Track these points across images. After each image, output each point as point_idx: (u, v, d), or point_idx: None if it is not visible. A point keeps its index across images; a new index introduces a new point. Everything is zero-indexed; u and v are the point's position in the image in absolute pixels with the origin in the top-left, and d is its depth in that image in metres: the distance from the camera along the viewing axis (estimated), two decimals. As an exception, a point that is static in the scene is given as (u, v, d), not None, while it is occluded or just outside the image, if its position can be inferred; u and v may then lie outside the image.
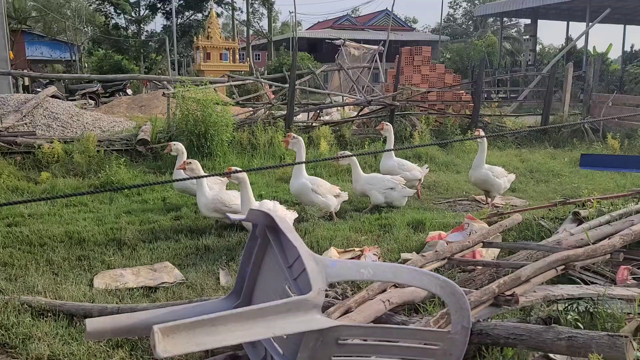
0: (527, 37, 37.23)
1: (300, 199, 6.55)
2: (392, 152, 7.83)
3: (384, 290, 3.23)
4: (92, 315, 3.51)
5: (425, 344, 1.96)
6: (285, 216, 5.09)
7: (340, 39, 23.90)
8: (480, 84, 13.55)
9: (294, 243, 2.00)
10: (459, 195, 7.97)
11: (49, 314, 3.71)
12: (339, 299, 3.38)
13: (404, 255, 4.91)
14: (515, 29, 51.07)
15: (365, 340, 1.98)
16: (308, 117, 13.89)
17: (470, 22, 65.52)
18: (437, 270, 4.00)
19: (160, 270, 4.71)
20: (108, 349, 3.26)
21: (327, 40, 38.33)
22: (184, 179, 5.59)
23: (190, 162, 5.91)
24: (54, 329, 3.49)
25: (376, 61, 21.74)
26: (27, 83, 28.00)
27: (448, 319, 2.69)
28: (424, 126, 12.24)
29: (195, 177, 5.58)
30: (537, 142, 12.84)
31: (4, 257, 4.97)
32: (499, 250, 4.86)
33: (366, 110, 13.44)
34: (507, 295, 3.08)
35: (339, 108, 15.38)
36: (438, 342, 1.95)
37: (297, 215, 5.68)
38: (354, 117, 13.45)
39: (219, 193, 5.85)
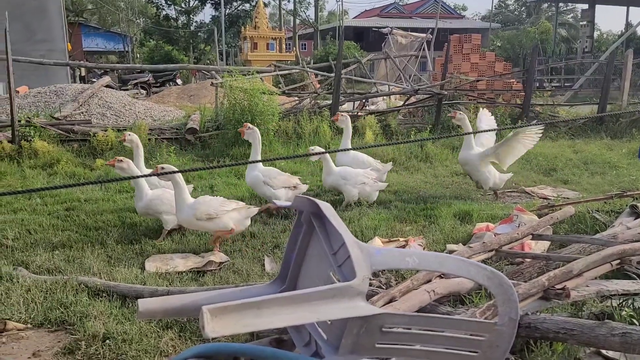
0: (584, 23, 35.63)
1: (255, 190, 6.35)
2: (349, 146, 7.34)
3: (429, 281, 3.20)
4: (144, 297, 3.64)
5: (470, 335, 1.93)
6: (225, 212, 4.90)
7: (388, 27, 23.62)
8: (533, 72, 13.09)
9: (338, 230, 2.00)
10: (507, 187, 7.77)
11: (104, 295, 3.88)
12: (383, 288, 3.37)
13: (450, 247, 4.85)
14: (572, 14, 49.03)
15: (409, 329, 1.97)
16: (354, 106, 13.83)
17: (523, 8, 63.28)
18: (484, 262, 3.92)
19: (207, 256, 4.83)
20: (158, 330, 3.38)
21: (373, 29, 37.91)
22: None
23: (121, 160, 5.33)
24: (109, 308, 3.65)
25: (424, 49, 21.36)
26: (83, 73, 29.16)
27: (494, 310, 2.65)
28: (473, 116, 11.96)
29: (130, 178, 4.99)
30: (593, 132, 12.32)
31: (62, 239, 5.22)
32: (549, 243, 4.72)
33: (413, 99, 13.26)
34: (558, 289, 3.00)
35: (385, 97, 15.25)
36: (484, 334, 1.91)
37: (252, 212, 5.22)
38: (400, 106, 13.30)
39: (159, 194, 5.34)
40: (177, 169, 4.81)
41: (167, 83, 26.29)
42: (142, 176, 5.10)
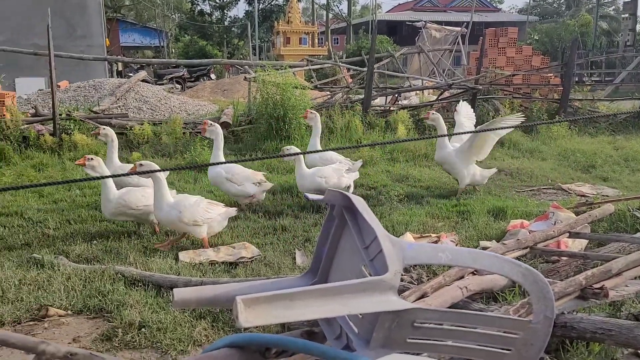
0: (626, 15, 34.35)
1: (220, 188, 6.23)
2: (318, 144, 7.16)
3: (461, 277, 3.17)
4: (178, 287, 3.71)
5: (504, 332, 1.90)
6: (211, 212, 4.83)
7: (421, 21, 23.33)
8: (572, 66, 12.73)
9: (370, 224, 1.99)
10: (543, 183, 7.60)
11: (140, 284, 3.98)
12: (414, 284, 3.35)
13: (483, 243, 4.78)
14: (613, 7, 47.38)
15: (441, 325, 1.96)
16: (386, 101, 13.73)
17: (562, 0, 61.48)
18: (518, 259, 3.85)
19: (239, 247, 4.89)
20: (192, 320, 3.45)
21: (407, 23, 37.54)
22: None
23: (92, 159, 5.08)
24: (144, 297, 3.74)
25: (458, 43, 21.03)
26: (120, 68, 29.83)
27: (529, 309, 2.60)
28: (508, 111, 11.72)
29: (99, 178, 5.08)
30: (635, 128, 11.92)
31: (100, 230, 5.37)
32: (586, 241, 4.60)
33: (446, 94, 13.08)
34: (596, 288, 2.92)
35: (417, 92, 15.08)
36: (518, 331, 1.88)
37: (231, 214, 5.13)
38: (433, 101, 13.14)
39: (124, 194, 5.07)
40: (158, 167, 4.81)
41: (202, 78, 26.64)
42: (120, 175, 4.78)
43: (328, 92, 13.31)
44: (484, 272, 3.21)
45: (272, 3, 45.10)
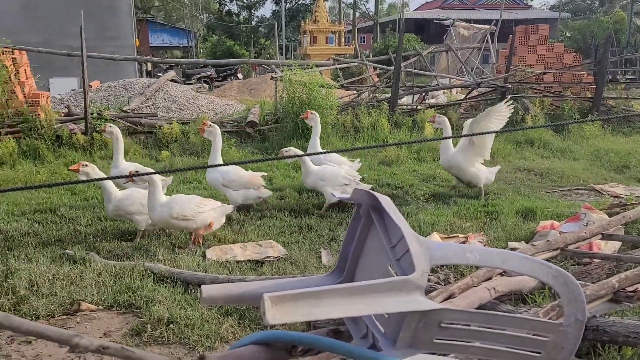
0: (663, 11, 33.36)
1: (217, 190, 6.14)
2: (318, 144, 6.95)
3: (489, 278, 3.12)
4: (205, 284, 3.76)
5: (533, 335, 1.87)
6: (201, 213, 4.81)
7: (450, 19, 23.07)
8: (605, 63, 12.41)
9: (397, 223, 1.98)
10: (575, 184, 7.43)
11: (168, 281, 4.04)
12: (441, 285, 3.32)
13: (512, 244, 4.70)
14: (649, 2, 45.91)
15: (469, 326, 1.94)
16: (413, 99, 13.64)
17: (596, -4, 59.95)
18: (548, 261, 3.78)
19: (265, 246, 4.93)
20: (219, 316, 3.49)
21: (435, 21, 37.16)
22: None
23: (86, 165, 5.06)
24: (172, 294, 3.80)
25: (487, 41, 20.71)
26: (149, 68, 30.32)
27: (559, 311, 2.55)
28: (538, 110, 11.51)
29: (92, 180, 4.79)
30: (672, 128, 11.56)
31: (130, 227, 5.48)
32: (619, 244, 4.48)
33: (475, 92, 12.91)
34: (629, 292, 2.85)
35: (445, 91, 14.93)
36: (548, 334, 1.85)
37: (228, 210, 5.15)
38: (461, 100, 12.99)
39: (123, 198, 5.09)
40: (152, 170, 4.84)
41: (229, 77, 26.89)
42: (111, 177, 4.85)
43: (354, 91, 13.28)
44: (513, 274, 3.16)
45: (299, 2, 45.26)
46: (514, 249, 4.43)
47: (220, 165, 3.42)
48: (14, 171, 7.73)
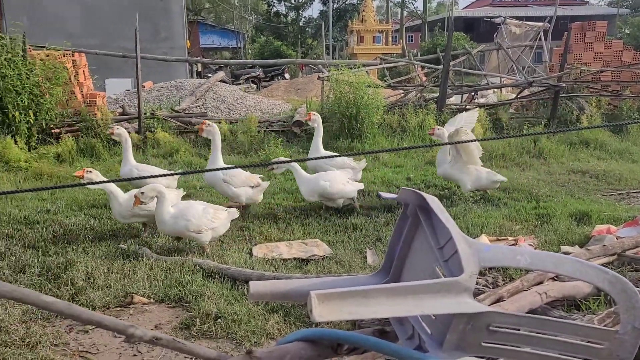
0: None
1: (215, 189, 6.07)
2: (320, 146, 6.84)
3: (540, 283, 3.04)
4: (252, 280, 3.83)
5: (587, 342, 1.81)
6: (215, 222, 4.72)
7: (500, 16, 22.48)
8: (668, 61, 11.79)
9: (446, 224, 1.96)
10: (633, 187, 7.11)
11: (216, 276, 4.14)
12: (489, 288, 3.26)
13: (565, 248, 4.55)
14: None
15: (518, 330, 1.89)
16: (462, 99, 13.39)
17: (658, -10, 57.01)
18: (604, 266, 3.64)
19: (311, 245, 4.96)
20: (265, 313, 3.54)
21: (485, 19, 36.30)
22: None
23: (90, 171, 5.04)
24: (220, 289, 3.89)
25: (540, 39, 20.06)
26: (199, 69, 31.06)
27: (615, 319, 2.45)
28: (594, 110, 11.06)
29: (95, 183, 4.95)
30: None
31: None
32: (682, 250, 4.25)
33: (526, 92, 12.54)
34: (692, 301, 2.70)
35: (495, 90, 14.58)
36: (603, 342, 1.79)
37: (234, 215, 5.04)
38: (512, 99, 12.65)
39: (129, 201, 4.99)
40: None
41: (276, 77, 27.21)
42: (114, 180, 4.64)
43: (401, 91, 13.16)
44: (566, 279, 3.06)
45: (346, 2, 45.23)
46: (567, 253, 4.28)
47: (222, 168, 3.46)
48: (72, 168, 8.08)
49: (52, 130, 9.30)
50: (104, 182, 3.01)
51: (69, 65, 9.94)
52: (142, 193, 4.65)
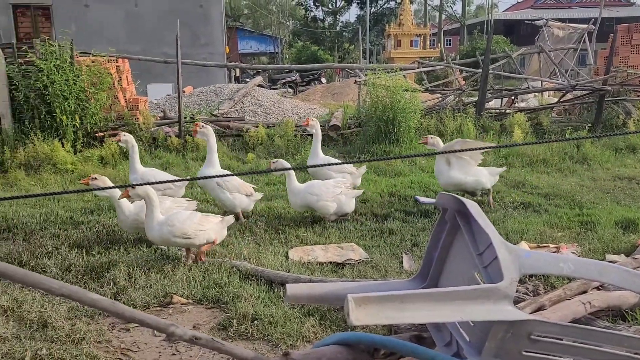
0: None
1: (208, 193, 5.92)
2: (319, 151, 6.73)
3: (584, 292, 2.94)
4: (288, 283, 3.85)
5: (634, 354, 1.75)
6: (204, 225, 4.52)
7: (542, 19, 21.98)
8: None
9: (485, 230, 1.94)
10: (684, 195, 6.81)
11: (253, 278, 4.18)
12: (530, 296, 3.18)
13: (610, 257, 4.40)
14: None
15: (561, 340, 1.84)
16: (501, 103, 13.14)
17: None
18: (651, 276, 3.50)
19: (347, 249, 4.96)
20: (301, 316, 3.56)
21: (526, 22, 35.53)
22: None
23: (96, 178, 4.86)
24: (257, 291, 3.93)
25: (584, 42, 19.50)
26: (237, 74, 31.53)
27: (665, 331, 2.36)
28: (642, 114, 10.66)
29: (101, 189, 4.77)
30: None
31: (218, 226, 5.72)
32: None
33: (569, 96, 12.21)
34: None
35: (536, 94, 14.25)
36: (651, 354, 1.73)
37: (229, 222, 4.83)
38: (554, 103, 12.34)
39: (139, 213, 4.86)
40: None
41: (313, 82, 27.35)
42: (116, 186, 4.67)
43: (439, 95, 13.02)
44: (611, 288, 2.96)
45: (384, 6, 45.10)
46: (612, 262, 4.14)
47: (214, 176, 3.47)
48: (115, 170, 8.33)
49: (97, 134, 9.61)
50: (107, 188, 3.05)
51: (113, 71, 10.26)
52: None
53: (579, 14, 39.74)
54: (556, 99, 12.97)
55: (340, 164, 5.42)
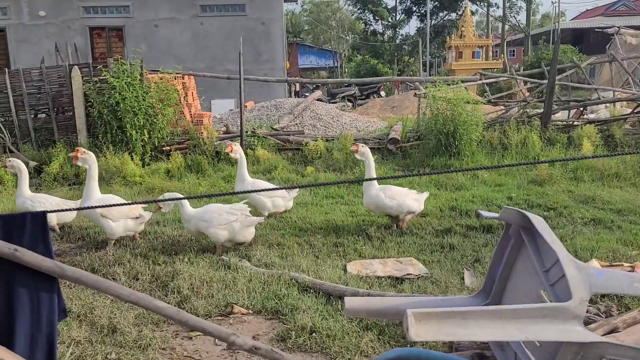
0: None
1: (92, 221, 5.78)
2: (245, 176, 6.35)
3: (662, 315, 2.75)
4: (346, 296, 3.84)
5: None
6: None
7: (614, 26, 20.99)
8: None
9: (552, 246, 1.86)
10: None
11: (311, 291, 4.20)
12: (602, 317, 3.01)
13: (691, 278, 4.09)
14: None
15: (637, 366, 1.73)
16: (569, 115, 12.61)
17: None
18: None
19: (406, 263, 4.89)
20: (359, 330, 3.54)
21: (596, 30, 34.07)
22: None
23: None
24: (315, 304, 3.94)
25: (660, 49, 18.43)
26: (297, 88, 32.05)
27: None
28: None
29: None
30: None
31: (277, 238, 5.80)
32: None
33: (644, 106, 11.53)
34: None
35: (607, 105, 13.57)
36: None
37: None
38: (627, 114, 11.69)
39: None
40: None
41: (372, 95, 27.33)
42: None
43: (502, 107, 12.67)
44: (693, 312, 2.75)
45: (444, 19, 44.57)
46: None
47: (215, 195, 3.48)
48: (180, 183, 8.65)
49: (163, 148, 10.03)
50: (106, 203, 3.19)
51: (179, 88, 10.71)
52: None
53: (654, 21, 37.60)
54: (630, 110, 12.30)
55: (270, 189, 5.19)
